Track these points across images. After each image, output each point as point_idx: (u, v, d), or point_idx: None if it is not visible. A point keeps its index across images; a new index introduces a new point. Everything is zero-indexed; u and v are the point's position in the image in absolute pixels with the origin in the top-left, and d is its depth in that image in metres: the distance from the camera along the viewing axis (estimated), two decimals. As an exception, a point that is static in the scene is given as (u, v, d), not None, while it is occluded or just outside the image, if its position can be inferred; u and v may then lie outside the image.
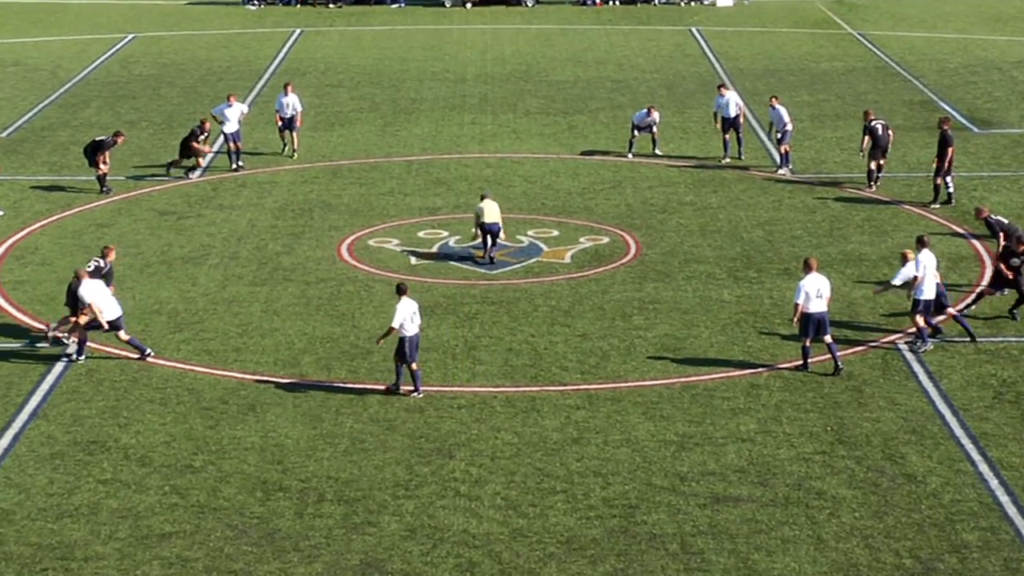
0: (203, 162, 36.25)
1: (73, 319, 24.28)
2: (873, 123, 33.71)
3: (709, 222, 31.99)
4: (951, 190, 32.75)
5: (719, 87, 38.24)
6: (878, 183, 33.90)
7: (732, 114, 36.32)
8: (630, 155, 37.02)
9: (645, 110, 37.28)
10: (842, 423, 21.86)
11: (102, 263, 25.53)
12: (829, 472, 20.33)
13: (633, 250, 30.19)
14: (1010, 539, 18.42)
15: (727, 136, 36.41)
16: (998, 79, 46.18)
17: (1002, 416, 21.98)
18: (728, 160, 36.43)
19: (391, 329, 22.82)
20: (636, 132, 36.96)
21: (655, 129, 37.11)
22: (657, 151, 37.18)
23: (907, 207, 32.87)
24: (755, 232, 31.14)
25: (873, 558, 18.08)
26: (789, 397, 22.82)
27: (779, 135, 35.52)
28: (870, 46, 52.31)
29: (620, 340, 25.33)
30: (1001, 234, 26.46)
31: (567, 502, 19.62)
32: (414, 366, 22.90)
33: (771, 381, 23.48)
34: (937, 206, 32.58)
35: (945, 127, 32.80)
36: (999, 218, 27.45)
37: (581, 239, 30.96)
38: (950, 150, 32.52)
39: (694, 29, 56.46)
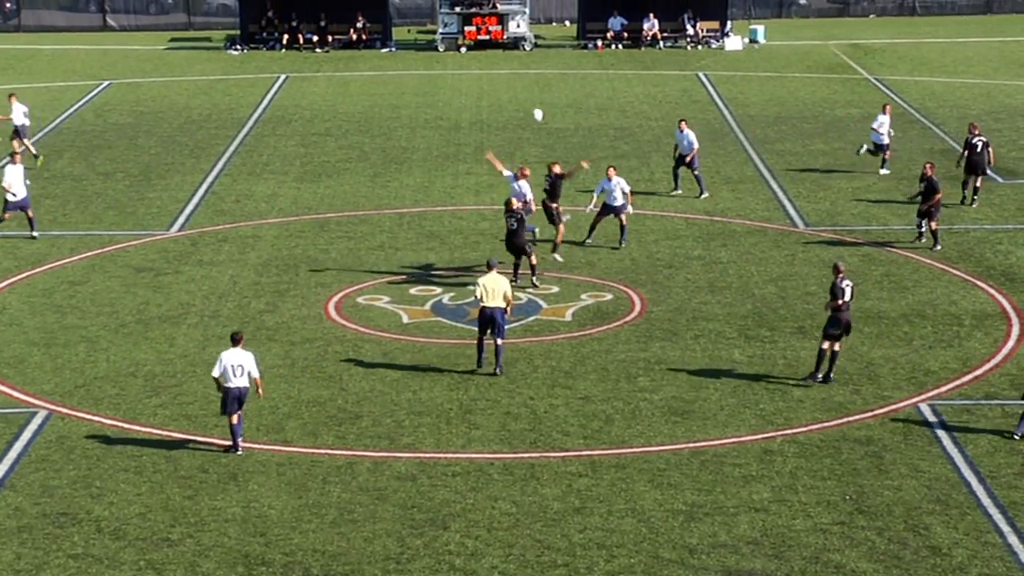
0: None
1: None
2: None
3: (718, 278, 32.06)
4: (923, 229, 33.32)
5: (680, 121, 39.18)
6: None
7: (687, 152, 38.07)
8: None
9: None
10: (862, 491, 21.82)
11: None
12: (848, 544, 20.27)
13: (638, 307, 30.24)
14: (1041, 615, 18.36)
15: (679, 171, 38.36)
16: (1023, 127, 46.41)
17: (1031, 483, 21.95)
18: (679, 193, 38.47)
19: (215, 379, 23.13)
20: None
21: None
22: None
23: (928, 262, 32.96)
24: (767, 288, 31.20)
25: (896, 636, 18.00)
26: (805, 463, 22.79)
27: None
28: (888, 92, 52.62)
29: (624, 403, 25.31)
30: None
31: (569, 576, 19.55)
32: (233, 419, 23.04)
33: (785, 447, 23.46)
34: (939, 247, 33.03)
35: (930, 172, 33.18)
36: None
37: (583, 296, 31.01)
38: (937, 196, 33.04)
39: (701, 74, 56.81)
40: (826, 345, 25.66)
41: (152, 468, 22.87)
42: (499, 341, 26.26)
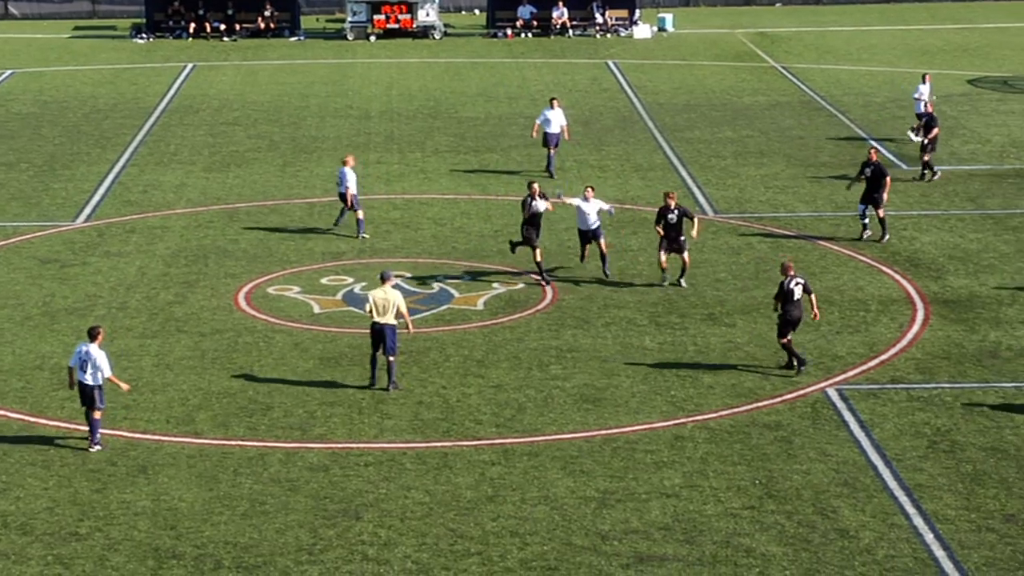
0: None
1: None
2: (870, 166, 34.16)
3: (629, 265, 32.22)
4: (866, 220, 33.43)
5: (551, 100, 39.99)
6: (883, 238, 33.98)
7: (555, 130, 39.09)
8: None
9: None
10: (771, 476, 22.05)
11: None
12: (758, 528, 20.47)
13: (549, 295, 30.32)
14: (947, 595, 18.67)
15: (552, 151, 39.28)
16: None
17: (936, 466, 22.28)
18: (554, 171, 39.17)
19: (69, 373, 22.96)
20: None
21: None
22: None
23: (835, 247, 33.33)
24: (677, 276, 31.39)
25: (805, 618, 18.22)
26: (715, 449, 22.98)
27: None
28: (794, 80, 53.14)
29: (537, 391, 25.38)
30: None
31: (482, 564, 19.58)
32: (95, 414, 22.85)
33: (696, 432, 23.64)
34: (888, 237, 33.30)
35: (875, 158, 33.53)
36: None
37: (494, 284, 31.03)
38: (886, 180, 33.24)
39: (611, 62, 57.03)
40: (785, 340, 25.78)
41: (60, 462, 22.59)
42: (390, 358, 25.03)
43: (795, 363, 25.85)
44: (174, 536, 20.30)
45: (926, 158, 38.14)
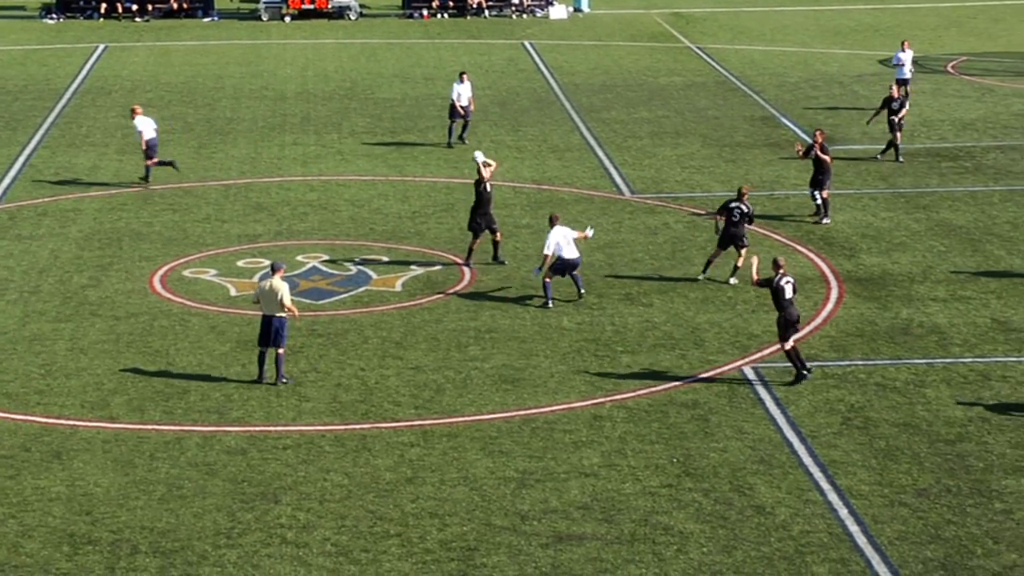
0: None
1: None
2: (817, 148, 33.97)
3: (547, 246, 32.23)
4: (819, 201, 33.69)
5: (461, 74, 40.93)
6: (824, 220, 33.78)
7: (464, 103, 40.02)
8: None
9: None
10: (688, 454, 22.22)
11: None
12: (676, 506, 20.63)
13: (468, 277, 30.31)
14: (860, 570, 18.90)
15: (455, 123, 40.24)
16: (839, 93, 47.53)
17: (850, 443, 22.56)
18: (455, 143, 40.20)
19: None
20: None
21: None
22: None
23: (751, 227, 33.55)
24: (595, 256, 31.51)
25: (723, 594, 18.39)
26: (633, 428, 23.12)
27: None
28: (709, 60, 53.44)
29: (456, 372, 25.39)
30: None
31: (402, 546, 19.58)
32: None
33: (614, 412, 23.76)
34: (828, 221, 33.47)
35: (821, 140, 33.74)
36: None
37: (412, 266, 30.98)
38: (827, 162, 33.49)
39: (527, 43, 57.03)
40: (788, 345, 24.58)
41: (-28, 449, 22.29)
42: (279, 350, 24.44)
43: (800, 370, 24.45)
44: (90, 522, 20.11)
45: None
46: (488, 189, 30.71)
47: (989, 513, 20.28)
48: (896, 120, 38.45)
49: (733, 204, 29.47)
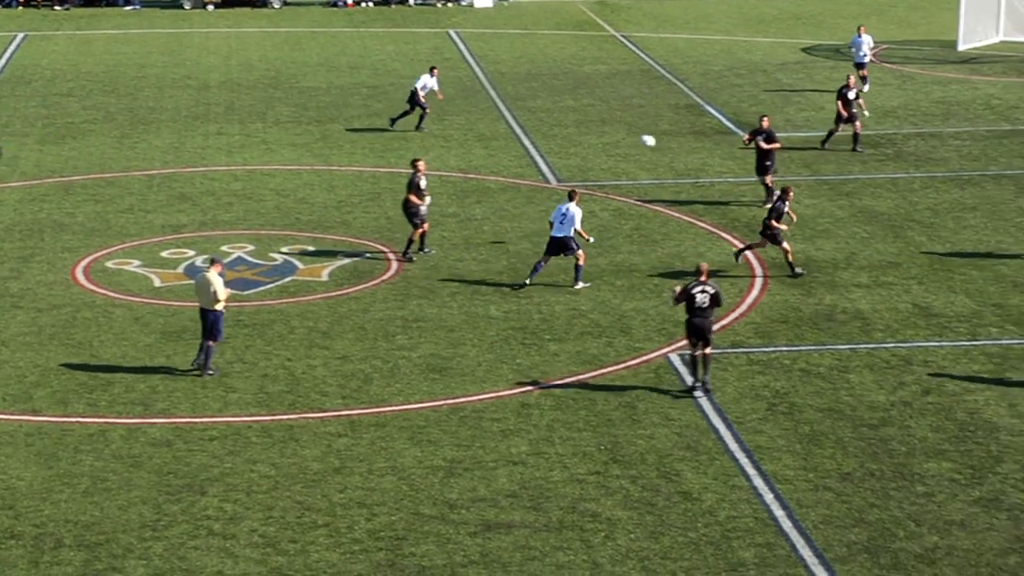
0: None
1: None
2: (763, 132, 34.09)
3: (474, 234, 32.29)
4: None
5: (432, 68, 41.55)
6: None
7: (423, 94, 40.45)
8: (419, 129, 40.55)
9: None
10: (616, 441, 22.32)
11: None
12: (604, 493, 20.72)
13: (394, 266, 30.25)
14: (786, 554, 19.08)
15: (411, 111, 40.54)
16: (763, 81, 47.86)
17: (776, 428, 22.76)
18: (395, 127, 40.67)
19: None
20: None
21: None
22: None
23: (676, 214, 33.77)
24: (522, 244, 31.55)
25: (651, 580, 18.50)
26: (561, 416, 23.19)
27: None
28: (634, 48, 53.62)
29: (383, 361, 25.34)
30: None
31: (330, 536, 19.53)
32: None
33: (542, 400, 23.82)
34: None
35: (767, 125, 34.01)
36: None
37: (339, 255, 30.87)
38: (775, 146, 33.78)
39: (452, 32, 56.96)
40: (693, 352, 23.79)
41: None
42: (209, 343, 24.30)
43: (697, 382, 23.63)
44: (12, 516, 19.88)
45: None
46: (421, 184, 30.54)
47: (911, 496, 20.54)
48: (855, 106, 38.45)
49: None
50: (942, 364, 25.08)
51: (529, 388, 24.21)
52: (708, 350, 23.74)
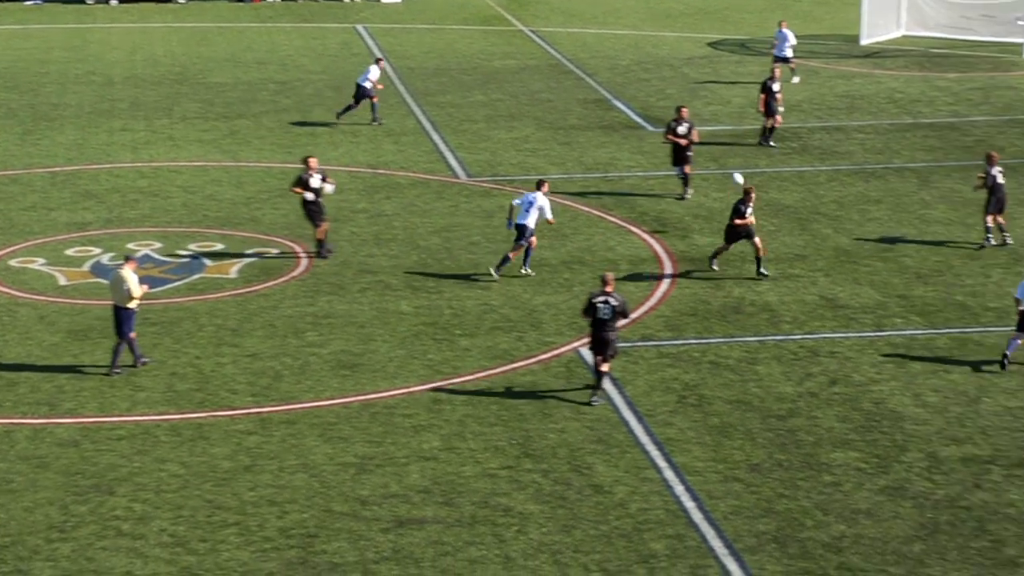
0: None
1: None
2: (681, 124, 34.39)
3: (384, 230, 32.21)
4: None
5: (377, 59, 41.76)
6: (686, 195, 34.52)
7: (366, 83, 40.50)
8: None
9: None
10: (528, 436, 22.37)
11: None
12: (516, 487, 20.77)
13: (304, 262, 30.10)
14: (696, 545, 19.24)
15: (360, 104, 40.63)
16: (670, 76, 48.15)
17: (686, 420, 22.93)
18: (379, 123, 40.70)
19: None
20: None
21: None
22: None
23: (585, 208, 33.90)
24: (432, 239, 31.53)
25: (562, 574, 18.57)
26: (473, 411, 23.20)
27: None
28: (542, 43, 53.73)
29: (293, 358, 25.21)
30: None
31: (240, 535, 19.40)
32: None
33: (453, 395, 23.82)
34: (690, 193, 34.38)
35: (686, 115, 34.38)
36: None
37: (248, 252, 30.65)
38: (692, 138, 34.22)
39: (360, 27, 56.75)
40: (605, 367, 23.24)
41: None
42: (119, 341, 24.13)
43: (594, 388, 23.31)
44: (-83, 520, 19.57)
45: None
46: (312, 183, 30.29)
47: (819, 486, 20.79)
48: (774, 101, 38.70)
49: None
50: (848, 355, 25.40)
51: (440, 383, 24.19)
52: (606, 367, 23.08)
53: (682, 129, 34.35)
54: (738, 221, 28.67)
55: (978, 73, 47.74)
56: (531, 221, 28.78)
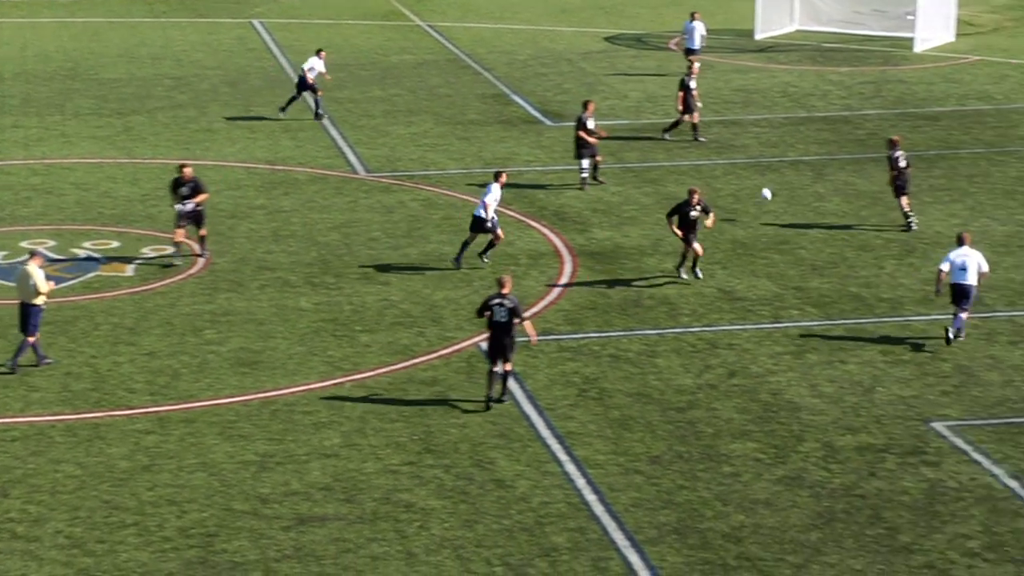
0: None
1: None
2: (586, 117, 34.62)
3: (282, 226, 32.00)
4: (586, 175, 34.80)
5: (318, 50, 41.51)
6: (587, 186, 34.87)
7: (309, 76, 40.27)
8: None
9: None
10: (429, 431, 22.34)
11: None
12: (417, 483, 20.74)
13: (201, 260, 29.80)
14: (598, 538, 19.34)
15: (301, 96, 40.54)
16: (567, 71, 48.31)
17: (586, 414, 23.03)
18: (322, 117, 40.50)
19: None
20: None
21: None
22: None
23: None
24: (331, 235, 31.38)
25: (464, 569, 18.58)
26: (374, 407, 23.13)
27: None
28: (440, 38, 53.67)
29: (192, 356, 24.97)
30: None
31: (139, 535, 19.19)
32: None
33: (354, 391, 23.73)
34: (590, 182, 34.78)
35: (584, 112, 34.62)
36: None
37: (144, 250, 30.30)
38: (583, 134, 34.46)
39: (256, 21, 56.31)
40: (496, 367, 22.93)
41: None
42: (28, 338, 23.83)
43: (491, 398, 22.91)
44: None
45: (694, 119, 38.50)
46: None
47: (718, 477, 20.98)
48: (692, 98, 38.83)
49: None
50: (746, 347, 25.66)
51: (341, 380, 24.09)
52: (509, 367, 22.95)
53: (592, 124, 34.63)
54: (675, 230, 28.35)
55: (870, 67, 48.44)
56: (483, 212, 29.00)
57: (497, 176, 29.72)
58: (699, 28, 46.41)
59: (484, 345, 24.83)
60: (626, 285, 28.69)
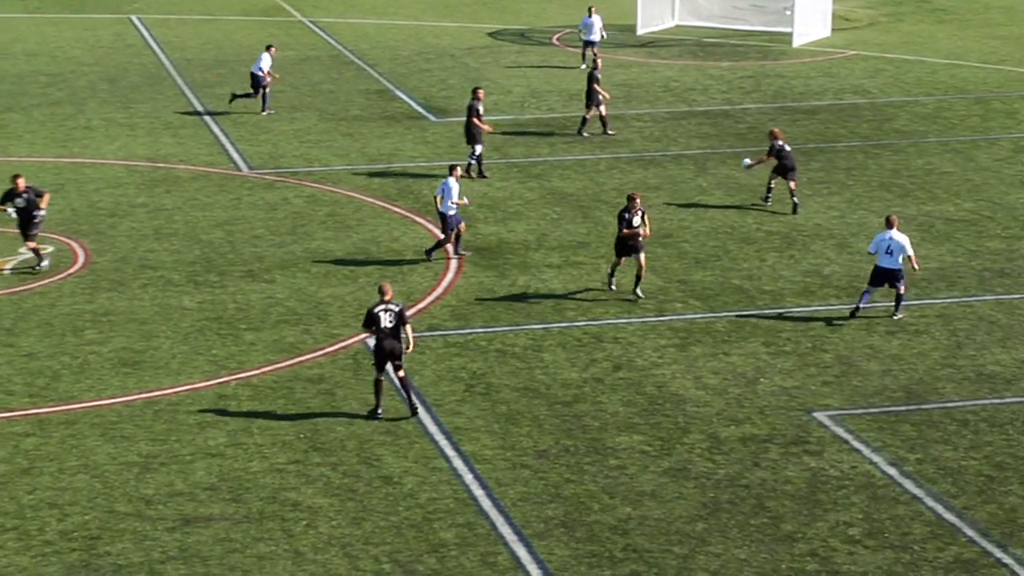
0: None
1: None
2: (476, 102, 35.00)
3: (164, 224, 31.62)
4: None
5: (268, 47, 41.93)
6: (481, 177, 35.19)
7: (259, 72, 40.77)
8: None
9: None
10: (316, 429, 22.22)
11: None
12: (304, 481, 20.61)
13: (82, 259, 29.37)
14: (486, 533, 19.37)
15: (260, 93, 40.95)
16: (451, 66, 48.30)
17: (474, 409, 23.05)
18: (269, 112, 40.86)
19: None
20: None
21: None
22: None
23: (370, 200, 33.81)
24: (214, 233, 31.07)
25: (352, 566, 18.51)
26: (259, 406, 22.95)
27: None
28: (322, 34, 53.37)
29: (72, 357, 24.58)
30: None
31: (19, 539, 18.85)
32: None
33: (240, 390, 23.53)
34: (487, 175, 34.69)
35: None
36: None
37: (21, 249, 29.77)
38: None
39: (134, 17, 55.57)
40: (378, 376, 22.64)
41: None
42: None
43: (379, 409, 22.52)
44: None
45: (603, 112, 38.93)
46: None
47: (605, 470, 21.11)
48: (598, 91, 38.97)
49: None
50: (631, 340, 25.85)
51: (226, 379, 23.86)
52: (402, 372, 22.62)
53: (481, 110, 35.23)
54: (625, 231, 27.18)
55: (749, 62, 49.02)
56: (442, 206, 29.19)
57: (451, 170, 29.61)
58: (597, 22, 47.23)
59: (372, 342, 24.77)
60: (512, 280, 28.74)
